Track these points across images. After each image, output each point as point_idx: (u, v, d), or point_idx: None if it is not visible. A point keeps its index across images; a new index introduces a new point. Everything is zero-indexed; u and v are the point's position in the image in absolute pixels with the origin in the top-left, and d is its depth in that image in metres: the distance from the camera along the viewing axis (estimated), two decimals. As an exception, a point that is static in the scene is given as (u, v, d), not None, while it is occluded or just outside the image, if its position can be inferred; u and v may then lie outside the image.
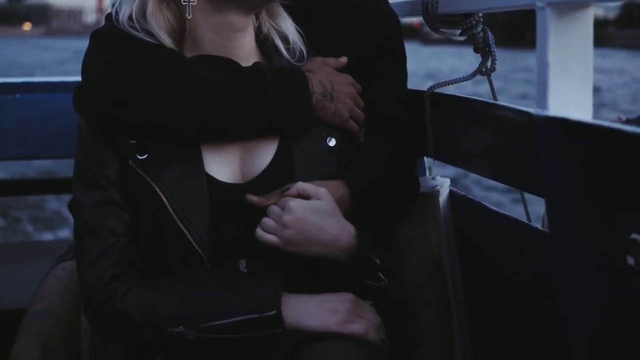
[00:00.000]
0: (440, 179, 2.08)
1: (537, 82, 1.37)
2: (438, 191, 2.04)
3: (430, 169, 2.31)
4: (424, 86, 1.95)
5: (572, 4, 1.33)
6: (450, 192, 2.05)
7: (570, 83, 1.36)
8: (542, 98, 1.36)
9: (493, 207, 1.78)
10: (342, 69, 1.73)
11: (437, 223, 2.04)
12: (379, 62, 1.84)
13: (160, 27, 1.56)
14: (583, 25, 1.35)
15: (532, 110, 1.40)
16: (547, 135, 1.34)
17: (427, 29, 1.98)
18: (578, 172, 1.30)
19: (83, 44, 1.68)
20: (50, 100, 2.55)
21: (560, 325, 1.44)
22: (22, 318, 1.79)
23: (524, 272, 1.64)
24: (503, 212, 1.74)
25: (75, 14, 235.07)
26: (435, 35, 2.00)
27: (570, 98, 1.36)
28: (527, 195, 1.74)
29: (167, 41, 1.56)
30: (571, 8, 1.34)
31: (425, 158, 2.24)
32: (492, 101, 1.62)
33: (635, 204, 1.18)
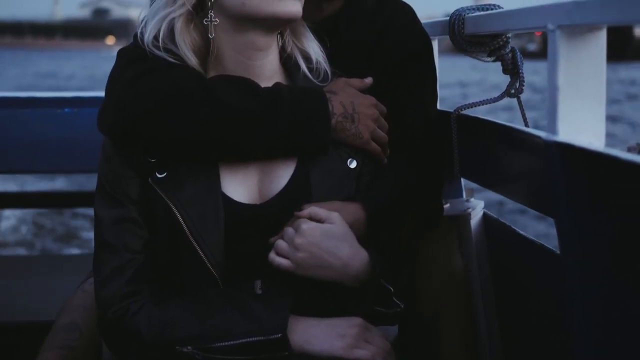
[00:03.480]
0: (474, 202, 2.06)
1: (548, 106, 1.35)
2: (469, 214, 2.02)
3: (471, 191, 2.28)
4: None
5: (584, 27, 1.31)
6: (484, 215, 2.03)
7: (581, 107, 1.33)
8: (552, 122, 1.34)
9: (524, 233, 1.76)
10: (369, 88, 1.73)
11: (468, 246, 2.02)
12: (407, 81, 1.83)
13: (186, 46, 1.58)
14: (595, 48, 1.32)
15: (542, 134, 1.38)
16: (556, 160, 1.32)
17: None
18: (586, 197, 1.28)
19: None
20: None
21: (570, 347, 1.41)
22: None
23: (554, 299, 1.61)
24: (535, 239, 1.71)
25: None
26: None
27: (582, 122, 1.33)
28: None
29: (193, 60, 1.59)
30: (583, 31, 1.31)
31: (462, 179, 2.22)
32: (510, 125, 1.60)
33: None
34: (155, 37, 1.59)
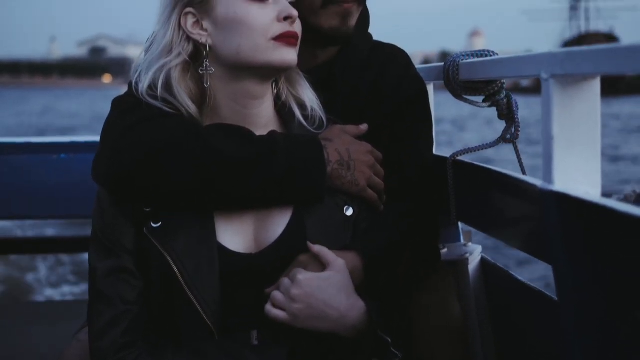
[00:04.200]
0: (472, 246, 2.06)
1: (543, 155, 1.35)
2: (467, 259, 2.01)
3: (469, 233, 2.28)
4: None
5: (577, 76, 1.31)
6: (482, 260, 2.02)
7: (577, 156, 1.33)
8: (547, 171, 1.34)
9: (522, 279, 1.75)
10: (365, 134, 1.73)
11: (466, 291, 2.01)
12: (403, 126, 1.83)
13: (183, 94, 1.59)
14: (589, 97, 1.32)
15: (538, 183, 1.37)
16: (552, 209, 1.32)
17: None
18: (583, 246, 1.27)
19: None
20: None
21: None
22: None
23: (552, 346, 1.60)
24: (533, 285, 1.71)
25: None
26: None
27: (578, 171, 1.33)
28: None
29: (191, 108, 1.59)
30: (577, 80, 1.32)
31: (460, 223, 2.22)
32: (506, 172, 1.59)
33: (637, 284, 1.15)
34: (151, 87, 1.60)
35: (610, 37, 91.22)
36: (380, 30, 1.96)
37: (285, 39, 1.57)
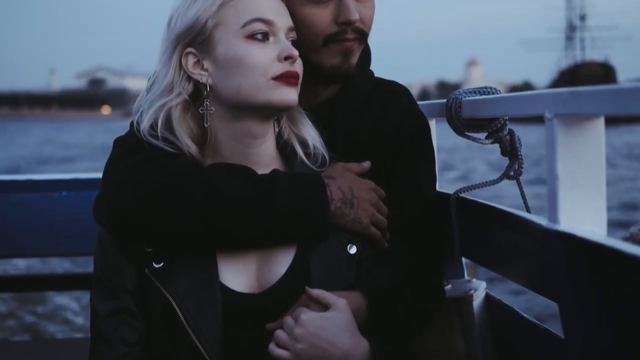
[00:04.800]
0: (476, 282, 2.04)
1: (548, 194, 1.35)
2: (471, 295, 1.99)
3: (472, 267, 2.27)
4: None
5: (581, 116, 1.31)
6: (487, 296, 2.00)
7: (581, 196, 1.32)
8: (552, 211, 1.34)
9: (528, 316, 1.74)
10: (368, 172, 1.73)
11: (471, 328, 1.99)
12: (405, 163, 1.83)
13: (184, 134, 1.59)
14: (593, 136, 1.32)
15: (544, 222, 1.37)
16: (558, 249, 1.31)
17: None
18: (588, 285, 1.27)
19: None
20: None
21: None
22: None
23: None
24: (538, 322, 1.69)
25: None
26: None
27: (582, 210, 1.33)
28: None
29: (192, 148, 1.59)
30: (580, 119, 1.31)
31: (463, 259, 2.21)
32: (511, 210, 1.59)
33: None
34: (152, 126, 1.60)
35: (605, 66, 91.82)
36: (377, 61, 1.97)
37: (285, 78, 1.57)
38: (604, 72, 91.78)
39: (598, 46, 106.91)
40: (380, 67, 1.98)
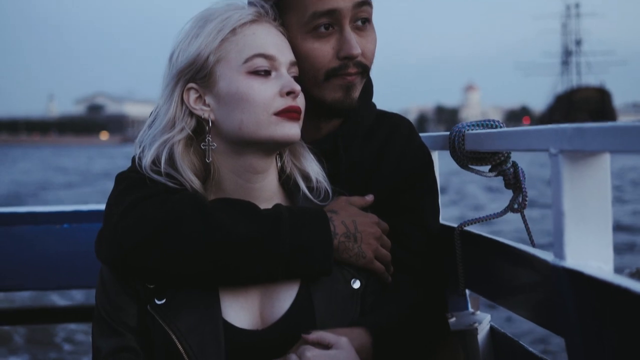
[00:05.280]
0: (480, 315, 2.03)
1: (553, 230, 1.34)
2: (476, 328, 1.98)
3: (476, 299, 2.25)
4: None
5: (586, 152, 1.31)
6: (491, 329, 1.99)
7: (587, 232, 1.32)
8: (558, 247, 1.33)
9: (532, 350, 1.73)
10: (371, 205, 1.73)
11: (475, 361, 1.98)
12: (408, 197, 1.83)
13: (187, 169, 1.59)
14: (599, 172, 1.32)
15: (550, 258, 1.36)
16: (565, 285, 1.31)
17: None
18: (595, 321, 1.26)
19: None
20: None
21: None
22: None
23: None
24: (543, 356, 1.68)
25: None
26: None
27: (589, 247, 1.32)
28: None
29: (195, 183, 1.59)
30: (585, 155, 1.31)
31: (467, 291, 2.20)
32: (516, 245, 1.58)
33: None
34: (154, 162, 1.59)
35: (601, 91, 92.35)
36: (375, 86, 1.97)
37: (287, 113, 1.57)
38: (599, 97, 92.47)
39: (594, 71, 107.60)
40: (378, 93, 1.97)
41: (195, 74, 1.59)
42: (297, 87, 1.59)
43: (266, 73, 1.58)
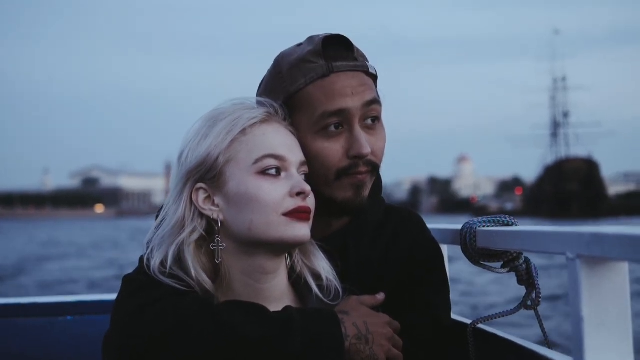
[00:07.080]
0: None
1: (572, 335, 1.33)
2: None
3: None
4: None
5: (605, 257, 1.30)
6: None
7: (607, 338, 1.30)
8: (578, 352, 1.31)
9: None
10: (380, 304, 1.71)
11: None
12: (418, 293, 1.81)
13: (200, 270, 1.57)
14: (617, 277, 1.31)
15: (569, 365, 1.35)
16: None
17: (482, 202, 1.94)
18: None
19: (148, 223, 1.72)
20: (103, 322, 2.54)
21: None
22: None
23: None
24: None
25: (144, 195, 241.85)
26: (492, 208, 1.96)
27: (609, 352, 1.30)
28: None
29: (208, 283, 1.57)
30: (604, 261, 1.30)
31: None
32: (532, 347, 1.56)
33: None
34: (162, 263, 1.58)
35: (589, 162, 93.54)
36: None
37: (297, 214, 1.57)
38: (587, 168, 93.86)
39: (582, 142, 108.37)
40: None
41: (204, 174, 1.59)
42: (307, 188, 1.59)
43: (276, 173, 1.58)
